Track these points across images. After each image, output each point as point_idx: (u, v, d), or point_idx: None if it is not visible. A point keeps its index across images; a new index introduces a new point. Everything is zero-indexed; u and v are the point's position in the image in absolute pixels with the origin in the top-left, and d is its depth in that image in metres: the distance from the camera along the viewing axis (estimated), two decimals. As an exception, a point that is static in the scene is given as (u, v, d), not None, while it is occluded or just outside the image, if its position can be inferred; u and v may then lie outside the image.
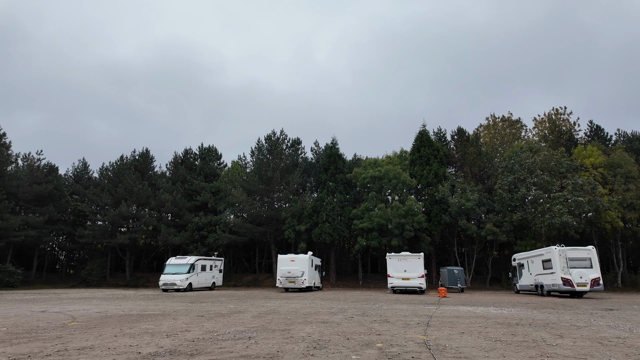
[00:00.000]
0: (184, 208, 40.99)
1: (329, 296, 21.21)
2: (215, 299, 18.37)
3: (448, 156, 39.67)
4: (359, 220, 35.82)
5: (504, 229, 32.94)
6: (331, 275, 38.17)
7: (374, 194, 36.95)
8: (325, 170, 39.90)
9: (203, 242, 39.63)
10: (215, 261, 31.45)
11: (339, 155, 40.40)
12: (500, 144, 41.17)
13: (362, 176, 37.19)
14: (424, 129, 40.05)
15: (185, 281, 26.74)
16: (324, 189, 38.62)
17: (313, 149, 44.35)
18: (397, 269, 23.75)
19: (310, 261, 26.24)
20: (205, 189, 41.47)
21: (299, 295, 22.21)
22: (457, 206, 33.73)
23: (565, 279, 19.56)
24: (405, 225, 33.77)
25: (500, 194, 33.20)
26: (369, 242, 35.61)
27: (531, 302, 16.90)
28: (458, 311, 12.50)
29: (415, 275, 23.31)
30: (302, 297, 19.75)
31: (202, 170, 43.68)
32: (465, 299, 19.64)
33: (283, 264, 25.66)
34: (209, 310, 12.78)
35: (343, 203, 38.12)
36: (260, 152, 40.56)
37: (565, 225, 29.67)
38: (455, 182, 36.21)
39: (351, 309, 13.07)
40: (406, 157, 40.73)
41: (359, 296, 21.34)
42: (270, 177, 37.96)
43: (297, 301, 17.07)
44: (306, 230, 37.88)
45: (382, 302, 16.97)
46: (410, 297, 20.30)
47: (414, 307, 13.97)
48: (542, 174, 32.32)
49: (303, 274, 25.10)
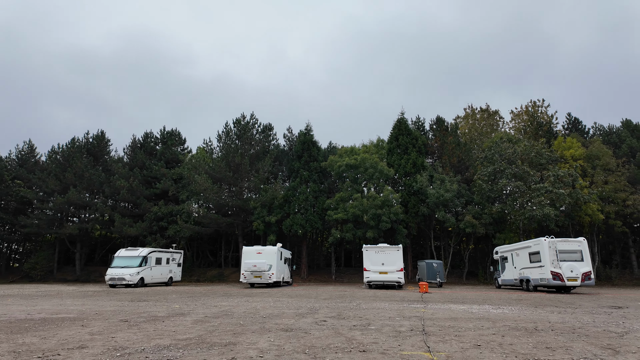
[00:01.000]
0: (142, 196, 37.37)
1: (298, 292, 18.82)
2: (163, 297, 15.55)
3: (426, 146, 38.05)
4: (334, 211, 33.61)
5: (482, 222, 31.63)
6: (302, 269, 35.81)
7: (350, 183, 34.81)
8: (298, 157, 37.37)
9: (163, 233, 36.26)
10: (173, 254, 28.33)
11: (314, 142, 37.96)
12: (479, 135, 40.00)
13: (337, 164, 34.95)
14: (402, 117, 38.24)
15: (136, 276, 23.59)
16: (297, 178, 36.12)
17: (286, 136, 41.63)
18: (374, 262, 21.66)
19: (279, 254, 23.74)
20: (166, 175, 37.97)
21: (264, 291, 19.67)
22: (435, 197, 32.12)
23: (555, 272, 18.05)
24: (381, 216, 31.84)
25: (479, 185, 31.85)
26: (343, 234, 33.47)
27: (524, 299, 15.16)
28: (452, 311, 10.39)
29: (393, 269, 21.31)
30: (267, 294, 17.24)
31: (163, 155, 40.06)
32: (450, 295, 17.76)
33: (248, 257, 23.02)
34: (144, 312, 10.06)
35: (317, 193, 35.78)
36: (228, 137, 37.48)
37: (546, 218, 28.61)
38: (433, 173, 34.61)
39: (323, 309, 10.71)
40: (383, 146, 38.82)
41: (332, 292, 19.08)
42: (239, 163, 35.04)
43: (260, 299, 14.55)
44: (277, 222, 35.32)
45: (359, 299, 14.73)
46: (389, 293, 18.23)
47: (398, 306, 11.78)
48: (522, 164, 31.17)
49: (270, 267, 22.56)
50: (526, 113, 43.20)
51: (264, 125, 40.96)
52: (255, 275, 22.50)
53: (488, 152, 33.39)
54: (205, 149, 37.63)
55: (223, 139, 37.31)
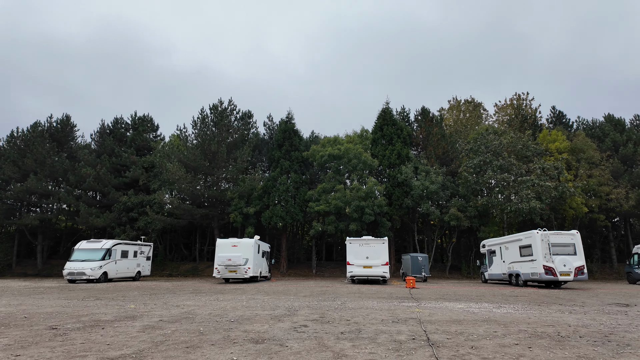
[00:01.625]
0: (110, 185, 34.88)
1: (276, 288, 17.31)
2: (122, 295, 13.74)
3: (411, 137, 36.99)
4: (315, 203, 32.17)
5: (467, 214, 30.88)
6: (282, 263, 34.30)
7: (332, 174, 33.39)
8: (279, 147, 35.65)
9: (133, 225, 33.96)
10: (141, 247, 26.28)
11: (295, 131, 36.29)
12: (464, 127, 39.26)
13: (319, 154, 33.45)
14: (387, 107, 37.00)
15: (98, 270, 21.51)
16: (277, 168, 34.42)
17: (266, 124, 39.78)
18: (359, 255, 20.35)
19: (256, 247, 22.13)
20: (136, 163, 35.56)
21: (238, 287, 18.06)
22: (420, 189, 31.12)
23: (547, 267, 17.19)
24: (365, 208, 30.61)
25: (465, 177, 31.02)
26: (325, 226, 32.10)
27: (519, 295, 14.13)
28: (450, 311, 9.11)
29: (378, 262, 20.06)
30: (241, 291, 15.65)
31: (134, 142, 37.53)
32: (439, 290, 16.63)
33: (223, 250, 21.30)
34: (87, 315, 8.34)
35: (298, 184, 34.23)
36: (204, 123, 35.28)
37: (532, 211, 28.03)
38: (418, 164, 33.60)
39: (304, 309, 9.25)
40: (367, 136, 37.53)
41: (314, 288, 17.66)
42: (215, 152, 33.05)
43: (232, 296, 12.97)
44: (255, 214, 33.61)
45: (343, 296, 13.35)
46: (375, 289, 16.97)
47: (388, 305, 10.45)
48: (508, 157, 30.49)
49: (247, 261, 20.93)
50: (510, 106, 42.77)
51: (243, 113, 38.98)
52: (230, 270, 20.83)
53: (474, 144, 32.60)
54: (180, 137, 35.36)
55: (199, 126, 35.10)
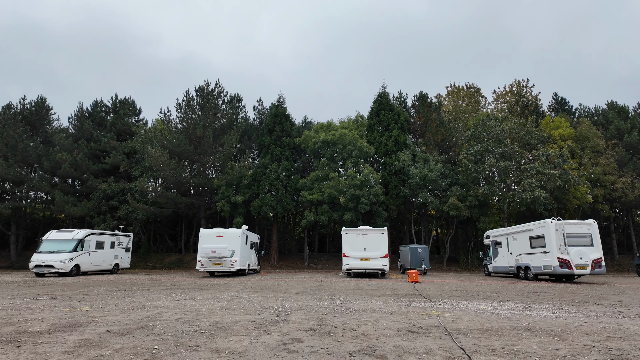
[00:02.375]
0: (89, 172, 32.59)
1: (265, 283, 15.57)
2: (84, 292, 11.85)
3: (409, 123, 35.28)
4: (308, 192, 30.39)
5: (467, 204, 29.43)
6: (272, 255, 32.58)
7: (326, 161, 31.59)
8: (269, 132, 33.67)
9: (113, 214, 31.85)
10: (119, 237, 24.27)
11: (287, 115, 34.30)
12: (463, 114, 37.68)
13: (312, 140, 31.60)
14: (383, 91, 35.17)
15: (69, 262, 19.50)
16: (268, 155, 32.50)
17: (256, 109, 37.65)
18: (356, 246, 18.69)
19: (243, 237, 20.31)
20: (116, 149, 33.28)
21: (223, 282, 16.27)
22: (418, 177, 29.54)
23: (562, 259, 15.73)
24: (360, 197, 28.94)
25: (465, 165, 29.49)
26: (318, 216, 30.39)
27: (540, 291, 12.61)
28: (475, 314, 7.46)
29: (377, 254, 18.43)
30: (225, 287, 13.86)
31: (114, 126, 35.15)
32: (446, 285, 15.07)
33: (207, 241, 19.45)
34: (19, 321, 6.48)
35: (290, 171, 32.38)
36: (190, 107, 33.08)
37: (536, 201, 26.68)
38: (416, 151, 31.98)
39: (296, 313, 7.51)
40: (363, 122, 35.77)
41: (307, 282, 15.97)
42: (201, 136, 30.94)
43: (212, 294, 11.18)
44: (244, 203, 31.73)
45: (341, 293, 11.66)
46: (375, 283, 15.33)
47: (398, 306, 8.77)
48: (511, 143, 29.02)
49: (233, 253, 19.12)
50: (510, 93, 41.29)
51: (232, 96, 36.82)
52: (215, 263, 19.01)
53: (474, 131, 31.07)
54: (163, 121, 33.09)
55: (183, 109, 32.87)
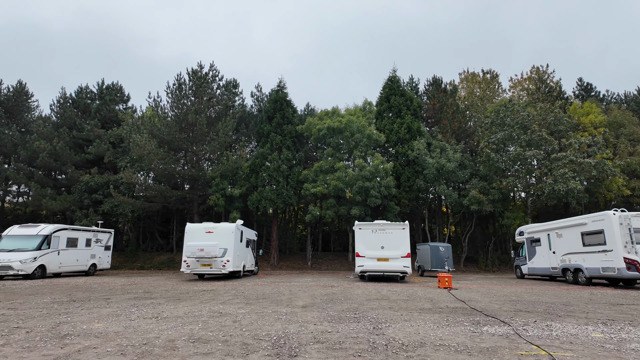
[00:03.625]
0: (70, 162, 29.60)
1: (263, 290, 12.56)
2: (16, 304, 8.83)
3: (422, 109, 32.24)
4: (311, 184, 27.40)
5: (490, 197, 26.43)
6: (272, 254, 29.58)
7: (332, 151, 28.57)
8: (269, 119, 30.66)
9: (97, 208, 28.88)
10: (97, 234, 21.28)
11: (288, 101, 31.28)
12: (480, 100, 34.63)
13: (317, 128, 28.59)
14: (394, 74, 32.15)
15: (31, 263, 16.52)
16: (267, 144, 29.49)
17: (254, 94, 34.63)
18: (371, 244, 15.68)
19: (237, 234, 17.30)
20: (101, 137, 30.28)
21: (209, 288, 13.25)
22: (435, 168, 26.53)
23: (630, 260, 12.73)
24: (370, 190, 25.96)
25: (487, 154, 26.47)
26: (323, 211, 27.41)
27: (626, 301, 9.58)
28: (603, 350, 4.41)
29: (397, 254, 15.43)
30: (209, 295, 10.85)
31: (99, 112, 32.12)
32: (489, 292, 12.06)
33: (194, 237, 16.46)
34: None
35: (291, 162, 29.37)
36: (181, 91, 30.05)
37: (569, 193, 23.68)
38: (431, 140, 28.96)
39: (310, 352, 4.46)
40: (371, 109, 32.73)
41: (315, 289, 12.98)
42: (193, 123, 27.92)
43: (186, 309, 8.15)
44: (241, 197, 28.77)
45: (363, 305, 8.63)
46: (400, 290, 12.34)
47: (464, 333, 5.73)
48: (539, 130, 25.99)
49: (225, 252, 16.12)
50: (529, 80, 38.24)
51: (227, 81, 33.77)
52: (203, 264, 16.01)
53: (495, 117, 28.07)
54: (152, 107, 30.04)
55: (175, 94, 29.84)
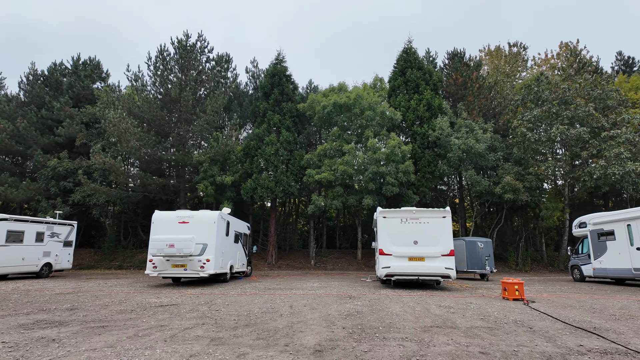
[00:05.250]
0: (36, 145, 25.59)
1: (250, 305, 8.57)
2: None
3: (443, 85, 28.14)
4: (315, 170, 23.40)
5: (526, 185, 22.44)
6: (270, 251, 25.60)
7: (338, 131, 24.53)
8: (265, 96, 26.62)
9: (66, 198, 24.91)
10: (53, 227, 17.28)
11: (287, 76, 27.21)
12: (507, 76, 30.55)
13: (321, 105, 24.54)
14: (409, 46, 28.03)
15: (-52, 264, 12.53)
16: (264, 124, 25.46)
17: (249, 71, 30.51)
18: (400, 238, 11.68)
19: (222, 225, 13.29)
20: (73, 117, 26.24)
21: (173, 300, 9.23)
22: (461, 150, 22.52)
23: None
24: (385, 176, 21.95)
25: (522, 133, 22.44)
26: (328, 201, 23.41)
27: None
28: None
29: (436, 251, 11.42)
30: (163, 317, 6.82)
31: (72, 89, 28.02)
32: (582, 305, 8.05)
33: (162, 229, 12.42)
34: None
35: (291, 145, 25.34)
36: (165, 64, 25.98)
37: (624, 178, 19.67)
38: (455, 119, 24.94)
39: None
40: (382, 86, 28.65)
41: (325, 301, 8.99)
42: (177, 99, 23.91)
43: (96, 354, 4.11)
44: (234, 185, 24.80)
45: (422, 342, 4.64)
46: (454, 304, 8.37)
47: None
48: (586, 104, 21.93)
49: (204, 249, 12.13)
50: (558, 57, 34.15)
51: (219, 56, 29.75)
52: (175, 264, 12.02)
53: (527, 93, 24.06)
54: (132, 82, 25.94)
55: (157, 67, 25.74)
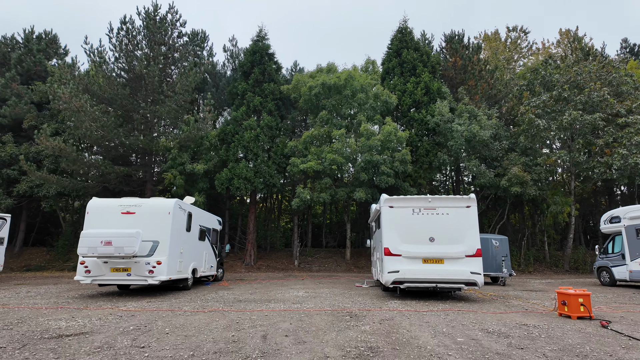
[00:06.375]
0: (-27, 127, 21.97)
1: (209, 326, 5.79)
2: None
3: (441, 68, 25.74)
4: (300, 159, 20.63)
5: (534, 177, 20.24)
6: (248, 251, 22.66)
7: (326, 114, 21.79)
8: (245, 76, 23.67)
9: (10, 189, 21.43)
10: (-26, 220, 13.99)
11: (270, 54, 24.31)
12: (507, 61, 28.46)
13: (307, 86, 21.76)
14: (404, 26, 25.54)
15: None
16: (242, 106, 22.51)
17: (227, 49, 27.32)
18: (411, 233, 8.99)
19: (180, 217, 10.36)
20: (21, 95, 22.70)
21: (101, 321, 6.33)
22: (465, 137, 20.14)
23: None
24: (380, 165, 19.36)
25: (530, 120, 20.19)
26: (315, 194, 20.66)
27: None
28: None
29: (459, 250, 8.80)
30: (53, 357, 3.94)
31: (21, 64, 24.38)
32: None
33: (99, 221, 9.40)
34: None
35: (274, 131, 22.48)
36: (130, 37, 22.68)
37: None
38: (454, 104, 22.57)
39: None
40: (375, 69, 26.10)
41: (315, 321, 6.29)
42: (141, 75, 20.72)
43: None
44: (207, 175, 21.79)
45: None
46: (498, 327, 5.80)
47: None
48: (601, 89, 19.85)
49: (155, 247, 9.20)
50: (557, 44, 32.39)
51: (193, 32, 26.60)
52: (115, 268, 9.05)
53: (533, 77, 21.92)
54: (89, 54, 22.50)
55: (121, 39, 22.40)
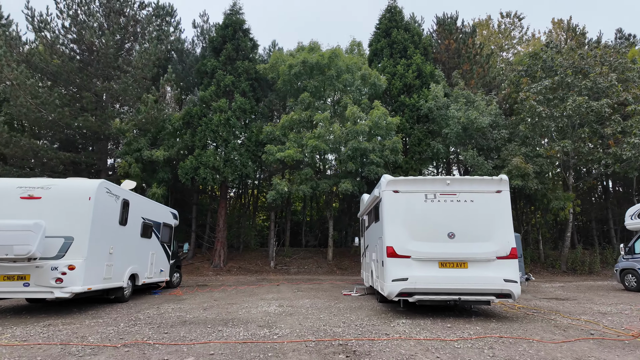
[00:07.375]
0: None
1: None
2: None
3: (433, 51, 23.72)
4: (277, 147, 18.08)
5: (535, 169, 18.42)
6: (217, 250, 19.91)
7: (308, 96, 19.30)
8: (215, 52, 20.92)
9: None
10: None
11: (245, 30, 21.63)
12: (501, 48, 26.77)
13: (287, 64, 19.22)
14: (394, 4, 23.38)
15: None
16: (211, 86, 19.73)
17: (198, 25, 24.38)
18: (424, 227, 6.51)
19: (108, 205, 7.67)
20: (-55, 67, 19.14)
21: None
22: (462, 124, 18.11)
23: None
24: (368, 154, 17.07)
25: (531, 107, 18.34)
26: (294, 187, 18.15)
27: None
28: None
29: (488, 250, 6.44)
30: None
31: (-52, 32, 20.77)
32: None
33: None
34: None
35: (248, 115, 19.83)
36: (82, 4, 19.53)
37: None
38: (448, 89, 20.55)
39: None
40: (361, 52, 23.80)
41: None
42: (91, 46, 17.69)
43: None
44: (169, 163, 18.96)
45: None
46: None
47: None
48: (608, 74, 18.21)
49: (66, 246, 6.54)
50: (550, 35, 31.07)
51: (158, 5, 23.55)
52: (5, 276, 6.31)
53: (533, 62, 20.18)
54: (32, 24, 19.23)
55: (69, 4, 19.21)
